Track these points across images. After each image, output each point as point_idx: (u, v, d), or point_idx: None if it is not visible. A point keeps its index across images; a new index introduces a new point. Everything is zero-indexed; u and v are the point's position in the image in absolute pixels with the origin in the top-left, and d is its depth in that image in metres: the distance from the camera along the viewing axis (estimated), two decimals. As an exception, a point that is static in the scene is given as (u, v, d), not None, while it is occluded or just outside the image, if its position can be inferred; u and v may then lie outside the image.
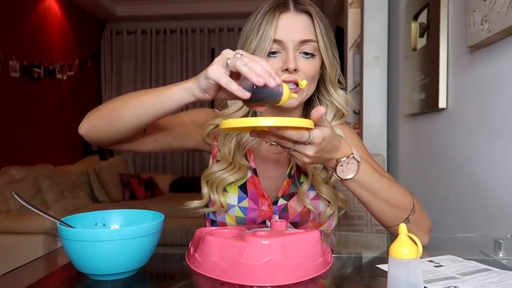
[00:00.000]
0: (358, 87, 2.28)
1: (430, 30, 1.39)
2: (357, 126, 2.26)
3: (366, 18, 2.00)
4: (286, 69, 0.77)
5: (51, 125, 4.15)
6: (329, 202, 0.89)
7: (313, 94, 0.87)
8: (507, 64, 0.94)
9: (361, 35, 2.13)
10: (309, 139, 0.62)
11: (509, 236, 0.71)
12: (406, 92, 1.66)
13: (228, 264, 0.57)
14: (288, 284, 0.55)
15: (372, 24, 1.99)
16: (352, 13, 2.57)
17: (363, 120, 1.98)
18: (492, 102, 1.01)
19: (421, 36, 1.51)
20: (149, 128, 0.79)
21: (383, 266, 0.63)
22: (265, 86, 0.58)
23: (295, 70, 0.78)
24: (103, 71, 5.43)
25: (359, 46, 2.20)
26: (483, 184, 1.05)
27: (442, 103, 1.28)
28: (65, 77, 4.42)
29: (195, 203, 0.88)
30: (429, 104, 1.37)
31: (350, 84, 2.71)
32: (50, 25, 4.19)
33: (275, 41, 0.78)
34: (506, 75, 0.94)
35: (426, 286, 0.54)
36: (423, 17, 1.51)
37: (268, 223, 0.88)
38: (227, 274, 0.56)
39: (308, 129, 0.61)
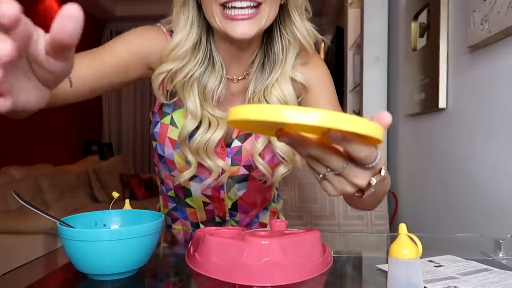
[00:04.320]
0: (358, 87, 2.28)
1: (430, 30, 1.39)
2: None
3: (366, 18, 2.01)
4: None
5: (51, 125, 4.15)
6: (284, 159, 0.78)
7: (273, 24, 0.74)
8: (507, 64, 0.94)
9: (361, 35, 2.13)
10: (376, 159, 0.41)
11: (509, 236, 0.71)
12: (406, 92, 1.66)
13: (228, 264, 0.57)
14: (288, 284, 0.55)
15: (372, 24, 1.99)
16: (352, 13, 2.57)
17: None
18: (492, 103, 1.01)
19: (421, 36, 1.52)
20: (78, 79, 0.63)
21: (383, 266, 0.63)
22: None
23: None
24: (103, 71, 5.43)
25: (359, 46, 2.20)
26: (483, 184, 1.05)
27: (442, 103, 1.28)
28: (65, 77, 4.41)
29: (186, 175, 0.78)
30: (429, 104, 1.37)
31: (350, 84, 2.71)
32: (50, 25, 4.18)
33: None
34: (506, 75, 0.94)
35: (426, 286, 0.54)
36: (423, 17, 1.51)
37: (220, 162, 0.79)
38: (227, 274, 0.56)
39: (373, 142, 0.39)
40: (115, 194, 0.69)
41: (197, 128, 0.75)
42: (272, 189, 0.96)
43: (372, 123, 0.35)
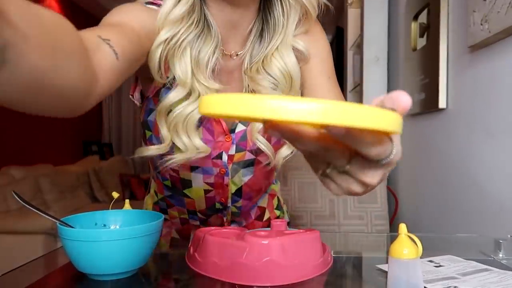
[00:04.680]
0: (358, 87, 2.28)
1: (430, 30, 1.39)
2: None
3: (366, 18, 2.01)
4: None
5: (51, 125, 4.15)
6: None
7: None
8: (507, 64, 0.94)
9: (361, 35, 2.13)
10: (392, 154, 0.33)
11: (509, 236, 0.71)
12: (406, 92, 1.66)
13: (228, 264, 0.57)
14: (288, 284, 0.55)
15: (372, 24, 1.99)
16: (352, 13, 2.57)
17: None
18: (492, 102, 1.01)
19: (421, 36, 1.52)
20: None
21: (383, 266, 0.63)
22: None
23: None
24: (103, 71, 5.43)
25: (359, 46, 2.20)
26: (483, 184, 1.05)
27: (442, 103, 1.28)
28: (65, 77, 4.41)
29: (152, 150, 0.69)
30: (429, 104, 1.37)
31: (350, 84, 2.72)
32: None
33: None
34: (506, 75, 0.94)
35: (426, 286, 0.54)
36: (423, 17, 1.51)
37: (224, 156, 0.74)
38: (227, 274, 0.56)
39: (387, 134, 0.32)
40: (115, 194, 0.69)
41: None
42: (274, 172, 0.91)
43: (386, 113, 0.26)
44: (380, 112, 0.26)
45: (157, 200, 0.88)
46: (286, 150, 0.74)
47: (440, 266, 0.64)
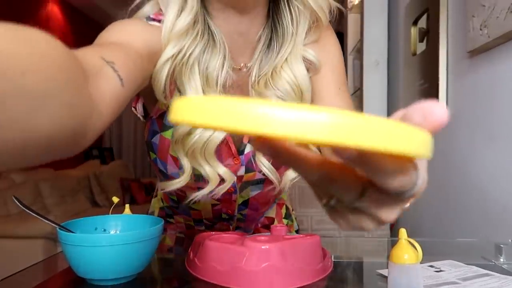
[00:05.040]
0: (358, 92, 2.28)
1: (430, 35, 1.39)
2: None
3: (366, 23, 2.01)
4: None
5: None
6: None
7: None
8: (506, 68, 0.94)
9: (361, 39, 2.14)
10: (416, 186, 0.26)
11: (510, 240, 0.71)
12: (406, 97, 1.66)
13: (228, 269, 0.57)
14: (288, 289, 0.55)
15: (372, 29, 2.00)
16: (352, 18, 2.58)
17: (363, 124, 1.98)
18: (491, 107, 1.01)
19: (421, 41, 1.52)
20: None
21: (383, 271, 0.63)
22: None
23: None
24: (104, 75, 5.45)
25: (359, 51, 2.21)
26: (483, 188, 1.05)
27: (442, 108, 1.28)
28: (66, 81, 4.43)
29: (176, 184, 0.65)
30: (429, 109, 1.37)
31: (350, 89, 2.72)
32: (52, 30, 4.20)
33: None
34: (506, 80, 0.95)
35: (427, 291, 0.53)
36: (422, 22, 1.51)
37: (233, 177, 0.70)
38: (226, 279, 0.56)
39: (412, 159, 0.25)
40: (115, 199, 0.69)
41: None
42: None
43: (416, 131, 0.19)
44: (408, 130, 0.19)
45: (163, 206, 0.88)
46: (292, 173, 0.69)
47: (440, 271, 0.64)
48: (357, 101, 2.46)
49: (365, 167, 0.22)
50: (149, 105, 0.70)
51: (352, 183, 0.25)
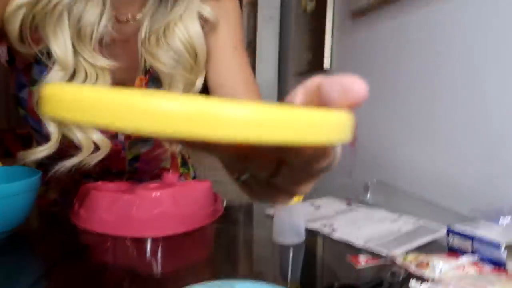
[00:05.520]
0: (252, 45, 2.31)
1: (319, -7, 1.45)
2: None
3: (260, -24, 2.01)
4: None
5: None
6: None
7: None
8: (382, 30, 1.04)
9: (255, -7, 2.14)
10: (332, 164, 0.25)
11: (375, 180, 0.82)
12: (296, 51, 1.74)
13: (118, 218, 0.55)
14: (181, 233, 0.56)
15: (266, -17, 2.01)
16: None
17: (256, 77, 2.03)
18: (368, 66, 1.12)
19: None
20: None
21: (271, 212, 0.68)
22: None
23: None
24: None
25: (254, 5, 2.21)
26: (358, 137, 1.18)
27: (326, 64, 1.38)
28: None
29: (39, 153, 0.56)
30: (315, 65, 1.46)
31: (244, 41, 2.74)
32: None
33: None
34: (380, 40, 1.05)
35: (307, 226, 0.60)
36: (313, -21, 1.57)
37: (120, 136, 0.65)
38: (117, 228, 0.55)
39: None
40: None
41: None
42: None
43: (337, 116, 0.17)
44: (329, 117, 0.17)
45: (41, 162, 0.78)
46: None
47: (319, 207, 0.72)
48: (251, 55, 2.49)
49: (282, 155, 0.21)
50: (14, 51, 0.58)
51: (267, 162, 0.23)
